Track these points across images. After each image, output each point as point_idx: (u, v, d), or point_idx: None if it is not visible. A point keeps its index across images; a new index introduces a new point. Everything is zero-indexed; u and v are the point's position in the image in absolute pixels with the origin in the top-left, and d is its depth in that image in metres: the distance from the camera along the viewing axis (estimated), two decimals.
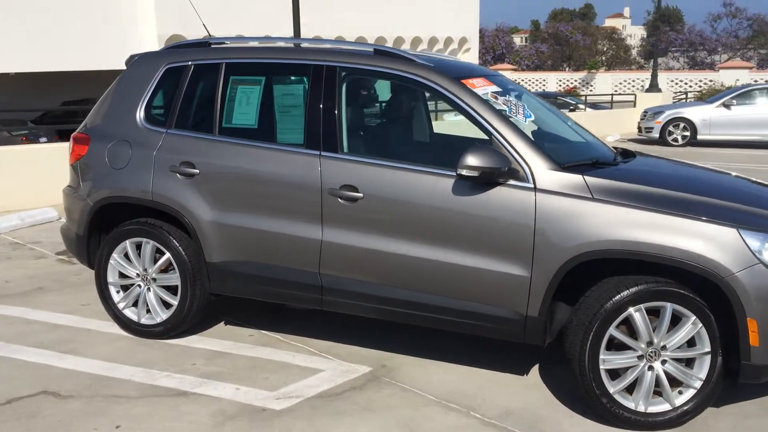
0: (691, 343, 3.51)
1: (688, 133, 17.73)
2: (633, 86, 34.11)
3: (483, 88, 4.02)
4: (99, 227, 4.70)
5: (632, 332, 3.53)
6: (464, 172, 3.61)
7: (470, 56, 38.94)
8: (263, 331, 4.78)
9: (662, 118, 17.94)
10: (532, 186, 3.64)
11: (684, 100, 24.34)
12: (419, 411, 3.75)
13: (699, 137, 17.62)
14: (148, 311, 4.62)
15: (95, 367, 4.19)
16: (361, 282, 4.03)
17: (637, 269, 3.55)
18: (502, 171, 3.62)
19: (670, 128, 17.90)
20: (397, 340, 4.62)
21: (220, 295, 4.53)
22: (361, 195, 3.91)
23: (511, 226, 3.66)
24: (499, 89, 4.14)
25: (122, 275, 4.65)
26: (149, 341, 4.58)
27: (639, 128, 18.78)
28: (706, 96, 23.22)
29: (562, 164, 3.70)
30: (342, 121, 4.09)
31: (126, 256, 4.60)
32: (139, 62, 4.69)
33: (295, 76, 4.39)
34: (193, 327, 4.66)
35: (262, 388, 3.95)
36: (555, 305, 3.74)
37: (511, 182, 3.67)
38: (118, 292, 4.69)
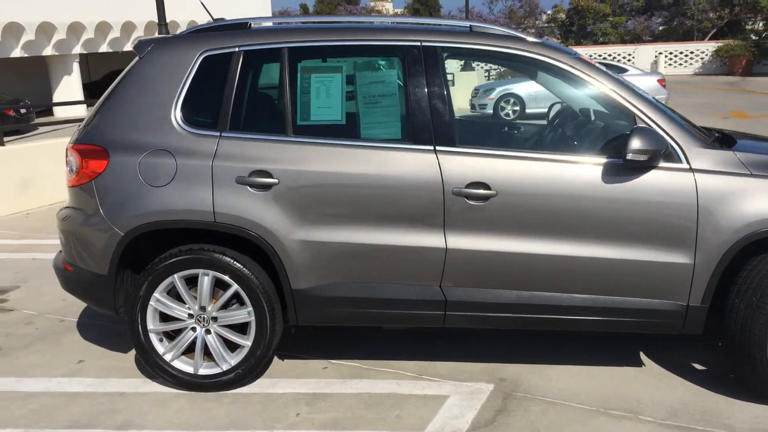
0: None
1: (518, 108, 18.67)
2: None
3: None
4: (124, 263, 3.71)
5: None
6: (632, 156, 3.28)
7: None
8: (333, 361, 4.10)
9: (494, 95, 18.71)
10: (687, 167, 3.41)
11: (491, 79, 25.70)
12: (590, 425, 3.40)
13: (527, 110, 18.63)
14: (207, 358, 3.74)
15: None
16: (494, 291, 3.55)
17: None
18: (662, 153, 3.34)
19: (502, 104, 18.73)
20: (488, 349, 4.20)
21: (298, 327, 3.78)
22: (493, 192, 3.43)
23: (671, 210, 3.40)
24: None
25: (165, 319, 3.72)
26: (213, 395, 3.72)
27: (472, 105, 19.47)
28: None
29: (708, 141, 3.51)
30: (453, 110, 3.56)
31: (172, 294, 3.68)
32: (160, 50, 3.72)
33: (384, 59, 3.73)
34: None
35: (409, 430, 3.35)
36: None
37: (665, 164, 3.41)
38: (161, 340, 3.75)
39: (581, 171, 3.44)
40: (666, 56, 32.47)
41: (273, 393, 3.73)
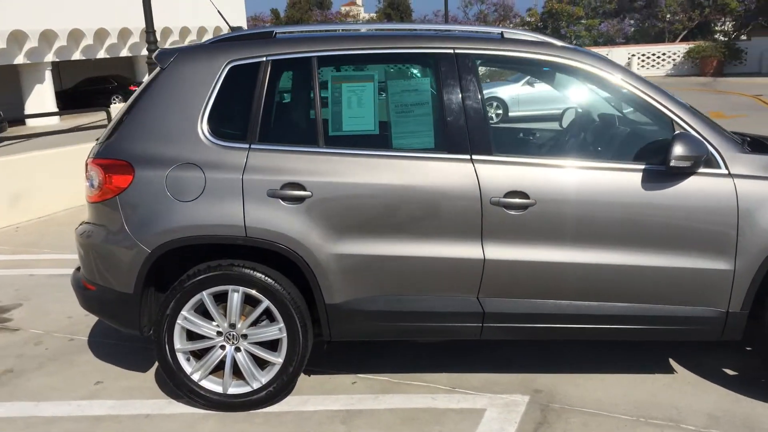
0: None
1: (501, 111, 18.73)
2: None
3: None
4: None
5: None
6: (675, 163, 3.25)
7: None
8: (361, 375, 4.01)
9: None
10: (726, 172, 3.39)
11: None
12: None
13: (510, 114, 18.70)
14: (236, 377, 3.63)
15: None
16: (533, 302, 3.49)
17: None
18: (703, 159, 3.32)
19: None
20: (519, 360, 4.14)
21: (330, 342, 3.69)
22: (532, 201, 3.37)
23: (712, 217, 3.37)
24: None
25: (192, 337, 3.60)
26: (243, 416, 3.61)
27: None
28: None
29: (743, 146, 3.49)
30: (488, 118, 3.49)
31: (199, 311, 3.56)
32: (184, 60, 3.61)
33: (416, 67, 3.66)
34: None
35: None
36: None
37: (704, 170, 3.37)
38: (188, 360, 3.63)
39: (620, 178, 3.39)
40: (639, 58, 32.85)
41: (305, 411, 3.63)
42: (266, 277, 3.49)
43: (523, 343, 4.28)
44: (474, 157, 3.42)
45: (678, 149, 3.23)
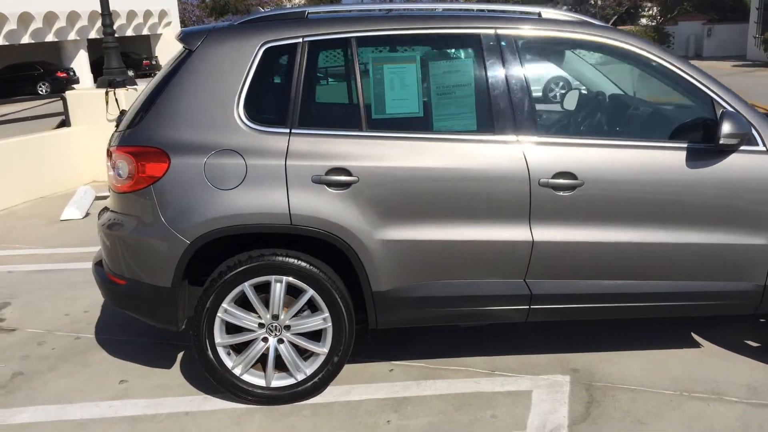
0: None
1: None
2: None
3: None
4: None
5: None
6: (724, 141, 3.29)
7: (173, 30, 36.89)
8: (396, 362, 3.95)
9: None
10: (765, 149, 3.46)
11: None
12: (685, 410, 3.41)
13: None
14: (278, 369, 3.52)
15: None
16: (580, 282, 3.50)
17: None
18: (747, 137, 3.38)
19: None
20: (549, 340, 4.16)
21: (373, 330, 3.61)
22: (580, 182, 3.37)
23: (752, 194, 3.45)
24: None
25: (233, 330, 3.47)
26: (289, 408, 3.50)
27: None
28: None
29: None
30: (533, 99, 3.46)
31: (240, 303, 3.43)
32: (216, 42, 3.43)
33: (457, 48, 3.59)
34: None
35: (512, 429, 3.26)
36: None
37: (745, 148, 3.44)
38: (228, 354, 3.49)
39: (665, 157, 3.42)
40: None
41: (352, 401, 3.55)
42: (311, 266, 3.38)
43: (548, 324, 4.30)
44: (520, 138, 3.39)
45: (727, 127, 3.28)
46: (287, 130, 3.35)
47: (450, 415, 3.40)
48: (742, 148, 3.43)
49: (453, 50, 3.62)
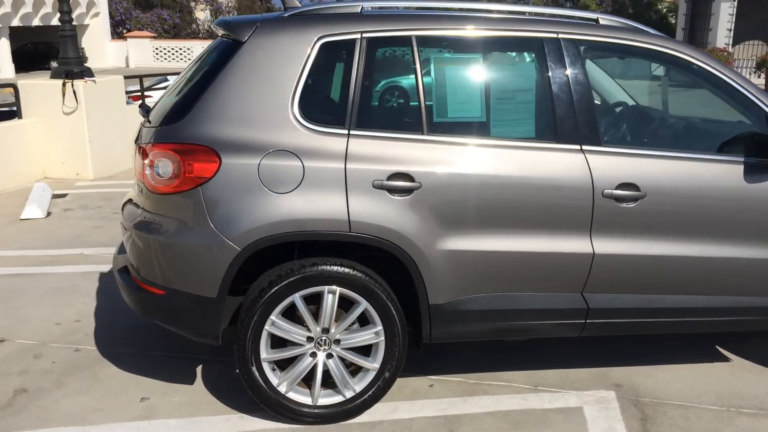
0: None
1: (402, 100, 18.71)
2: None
3: None
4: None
5: None
6: None
7: (100, 21, 35.57)
8: (434, 377, 3.78)
9: (379, 87, 18.67)
10: None
11: None
12: (738, 426, 3.38)
13: (411, 104, 18.74)
14: (325, 386, 3.30)
15: None
16: (635, 296, 3.43)
17: None
18: None
19: (387, 96, 18.69)
20: (581, 354, 4.07)
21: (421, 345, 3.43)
22: (642, 194, 3.30)
23: None
24: None
25: (278, 345, 3.23)
26: (335, 428, 3.28)
27: None
28: None
29: None
30: (594, 107, 3.38)
31: (288, 316, 3.20)
32: (269, 35, 3.19)
33: (520, 52, 3.45)
34: None
35: None
36: None
37: None
38: (273, 370, 3.25)
39: (725, 170, 3.39)
40: None
41: (401, 419, 3.37)
42: (366, 277, 3.18)
43: (580, 338, 4.21)
44: (584, 147, 3.29)
45: None
46: (345, 132, 3.15)
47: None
48: None
49: (516, 54, 3.49)
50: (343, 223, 3.08)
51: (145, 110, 3.63)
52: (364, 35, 3.22)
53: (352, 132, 3.15)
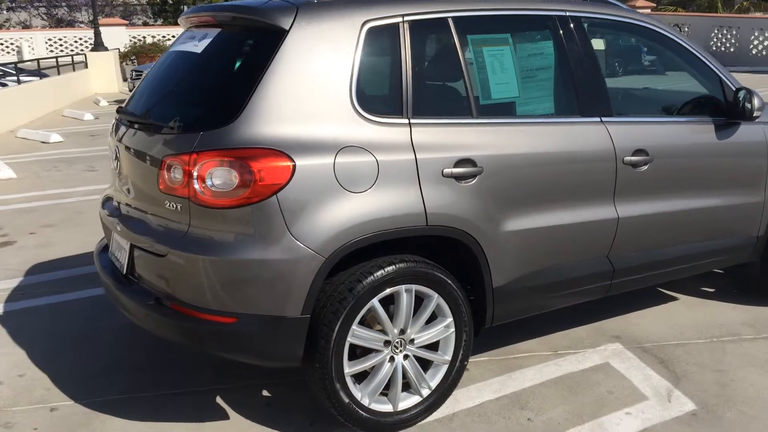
0: None
1: None
2: (76, 46, 27.55)
3: None
4: None
5: None
6: (757, 114, 3.79)
7: None
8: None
9: None
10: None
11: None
12: (729, 351, 3.85)
13: None
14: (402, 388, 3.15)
15: None
16: (650, 252, 3.76)
17: None
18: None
19: None
20: (567, 313, 4.27)
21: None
22: (651, 158, 3.59)
23: (754, 159, 4.00)
24: None
25: (357, 355, 3.01)
26: (414, 429, 3.16)
27: (131, 89, 18.03)
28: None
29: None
30: (604, 81, 3.59)
31: (364, 323, 2.99)
32: (314, 20, 2.87)
33: (542, 31, 3.49)
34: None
35: (635, 402, 3.37)
36: None
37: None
38: (354, 383, 3.02)
39: (706, 130, 3.81)
40: None
41: (471, 407, 3.33)
42: (434, 269, 3.07)
43: None
44: (603, 119, 3.48)
45: (756, 102, 3.76)
46: (406, 121, 2.99)
47: (574, 400, 3.37)
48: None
49: (536, 33, 3.55)
50: (420, 216, 2.94)
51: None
52: (406, 18, 3.06)
53: (412, 120, 2.99)
